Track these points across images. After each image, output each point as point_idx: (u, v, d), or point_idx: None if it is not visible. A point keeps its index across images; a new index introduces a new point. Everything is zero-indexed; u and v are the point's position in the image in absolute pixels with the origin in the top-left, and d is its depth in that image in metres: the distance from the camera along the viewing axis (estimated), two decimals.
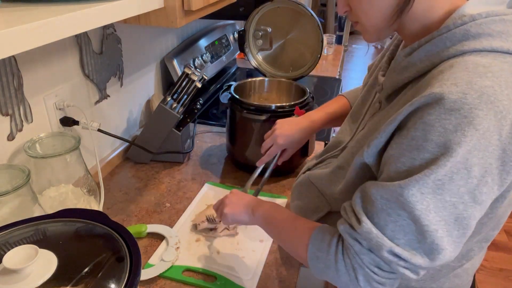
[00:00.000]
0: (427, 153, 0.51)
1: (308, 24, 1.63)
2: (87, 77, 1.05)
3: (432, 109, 0.50)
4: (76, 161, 0.86)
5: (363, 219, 0.56)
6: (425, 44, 0.57)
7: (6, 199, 0.68)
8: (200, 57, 1.57)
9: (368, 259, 0.56)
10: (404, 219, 0.53)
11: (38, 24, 0.50)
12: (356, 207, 0.58)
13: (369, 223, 0.55)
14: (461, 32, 0.53)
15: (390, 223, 0.54)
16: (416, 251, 0.53)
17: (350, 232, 0.57)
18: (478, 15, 0.53)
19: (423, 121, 0.51)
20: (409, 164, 0.52)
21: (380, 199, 0.54)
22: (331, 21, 5.10)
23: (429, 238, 0.52)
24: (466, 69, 0.50)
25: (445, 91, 0.49)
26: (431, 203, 0.51)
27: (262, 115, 1.07)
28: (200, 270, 0.83)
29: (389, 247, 0.53)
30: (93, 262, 0.52)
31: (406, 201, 0.51)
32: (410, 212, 0.52)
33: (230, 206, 0.79)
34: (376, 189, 0.55)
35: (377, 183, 0.56)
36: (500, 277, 2.10)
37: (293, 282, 0.82)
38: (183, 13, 0.85)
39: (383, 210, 0.54)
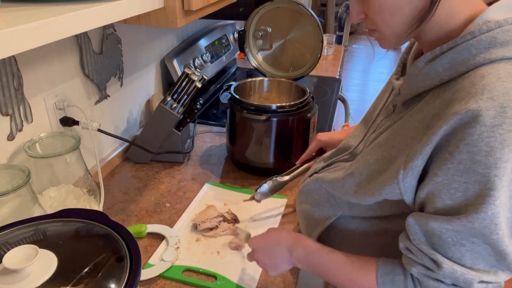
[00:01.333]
0: (478, 175, 0.49)
1: (308, 24, 1.63)
2: (87, 77, 1.05)
3: (472, 128, 0.48)
4: (76, 161, 0.86)
5: (440, 260, 0.54)
6: (449, 51, 0.55)
7: (6, 199, 0.68)
8: (200, 57, 1.57)
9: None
10: (479, 245, 0.53)
11: (38, 24, 0.50)
12: (422, 246, 0.56)
13: (449, 262, 0.54)
14: (487, 39, 0.52)
15: (467, 252, 0.53)
16: (497, 268, 0.54)
17: (429, 274, 0.56)
18: (505, 21, 0.52)
19: (466, 142, 0.49)
20: (463, 189, 0.51)
21: (446, 232, 0.53)
22: (331, 21, 5.10)
23: (508, 258, 0.52)
24: (499, 79, 0.49)
25: (482, 107, 0.48)
26: (505, 229, 0.51)
27: (262, 115, 1.06)
28: (200, 270, 0.83)
29: (479, 279, 0.53)
30: (93, 262, 0.52)
31: (479, 232, 0.51)
32: (484, 238, 0.51)
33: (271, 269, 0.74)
34: (439, 223, 0.53)
35: (437, 217, 0.54)
36: None
37: (293, 282, 0.82)
38: (183, 13, 0.85)
39: (455, 243, 0.53)
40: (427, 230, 0.55)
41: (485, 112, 0.48)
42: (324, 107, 1.63)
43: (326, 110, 1.61)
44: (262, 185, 0.97)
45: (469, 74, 0.53)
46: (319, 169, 0.84)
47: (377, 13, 0.58)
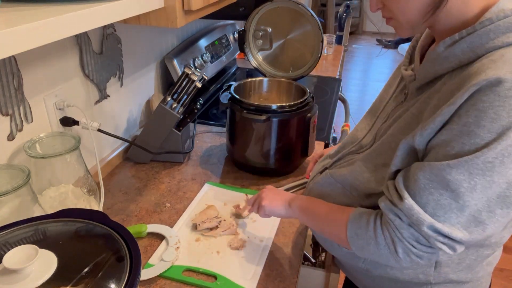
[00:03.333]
0: (478, 139, 0.53)
1: (308, 24, 1.63)
2: (87, 77, 1.05)
3: (485, 95, 0.52)
4: (76, 161, 0.86)
5: (405, 196, 0.59)
6: (468, 36, 0.58)
7: (6, 199, 0.68)
8: (200, 57, 1.57)
9: (407, 233, 0.60)
10: (446, 198, 0.56)
11: (38, 24, 0.50)
12: (399, 185, 0.61)
13: (411, 200, 0.58)
14: (505, 24, 0.56)
15: (432, 201, 0.57)
16: (454, 226, 0.57)
17: (391, 208, 0.61)
18: None
19: (476, 107, 0.53)
20: (458, 148, 0.55)
21: (423, 179, 0.57)
22: (331, 21, 5.10)
23: (467, 211, 0.55)
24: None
25: (501, 76, 0.51)
26: (479, 183, 0.54)
27: (262, 115, 1.06)
28: (200, 270, 0.83)
29: (430, 223, 0.57)
30: (93, 262, 0.52)
31: (454, 179, 0.54)
32: (453, 191, 0.55)
33: (267, 199, 0.85)
34: (421, 169, 0.58)
35: (423, 163, 0.59)
36: (500, 277, 2.10)
37: (293, 282, 0.82)
38: (183, 13, 0.85)
39: (425, 189, 0.57)
40: (408, 174, 0.61)
41: (503, 82, 0.51)
42: (324, 107, 1.63)
43: (326, 110, 1.61)
44: None
45: (488, 55, 0.56)
46: (329, 165, 0.84)
47: (393, 2, 0.63)
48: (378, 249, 0.64)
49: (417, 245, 0.60)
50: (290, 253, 0.89)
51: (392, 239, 0.61)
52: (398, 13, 0.63)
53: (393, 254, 0.62)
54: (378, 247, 0.63)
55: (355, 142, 0.81)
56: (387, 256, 0.63)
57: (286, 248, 0.90)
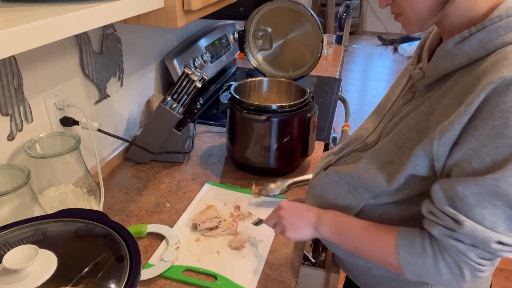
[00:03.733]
0: (510, 139, 0.52)
1: (308, 24, 1.63)
2: (87, 77, 1.05)
3: (505, 95, 0.52)
4: (76, 161, 0.86)
5: (461, 219, 0.57)
6: (477, 33, 0.59)
7: (6, 199, 0.68)
8: (200, 57, 1.57)
9: (473, 255, 0.58)
10: (500, 208, 0.55)
11: (38, 24, 0.50)
12: (445, 207, 0.59)
13: (470, 221, 0.57)
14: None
15: (488, 214, 0.56)
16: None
17: (450, 233, 0.59)
18: None
19: (500, 108, 0.52)
20: (493, 153, 0.54)
21: (470, 195, 0.56)
22: (331, 21, 5.11)
23: None
24: None
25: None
26: None
27: (262, 115, 1.06)
28: (200, 270, 0.83)
29: (498, 239, 0.56)
30: (93, 262, 0.52)
31: (504, 191, 0.53)
32: (506, 201, 0.54)
33: (291, 228, 0.78)
34: (465, 185, 0.56)
35: (464, 180, 0.57)
36: (500, 277, 2.10)
37: (293, 282, 0.82)
38: (183, 13, 0.85)
39: (477, 205, 0.56)
40: (451, 194, 0.58)
41: None
42: (324, 107, 1.63)
43: (326, 110, 1.61)
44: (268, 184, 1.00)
45: (499, 51, 0.56)
46: (333, 162, 0.84)
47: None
48: (439, 274, 0.62)
49: (483, 262, 0.59)
50: (290, 253, 0.89)
51: (458, 264, 0.60)
52: (407, 9, 0.64)
53: (458, 277, 0.61)
54: (440, 273, 0.62)
55: (359, 140, 0.81)
56: (449, 280, 0.62)
57: (286, 248, 0.90)
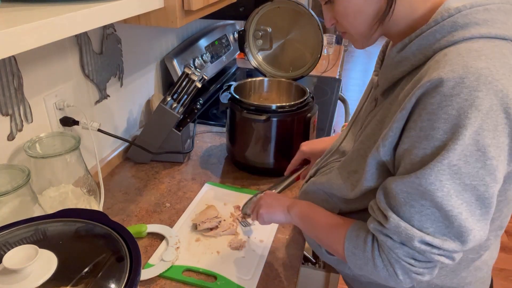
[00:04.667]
0: (437, 141, 0.53)
1: (308, 24, 1.63)
2: (87, 77, 1.05)
3: (432, 98, 0.52)
4: (76, 161, 0.86)
5: (389, 214, 0.58)
6: (416, 39, 0.59)
7: (6, 199, 0.68)
8: (200, 57, 1.57)
9: (402, 252, 0.58)
10: (428, 208, 0.55)
11: (38, 24, 0.50)
12: (381, 204, 0.60)
13: (396, 217, 0.57)
14: (449, 23, 0.56)
15: (416, 214, 0.56)
16: (446, 236, 0.55)
17: (380, 229, 0.60)
18: (463, 7, 0.56)
19: (427, 111, 0.53)
20: (421, 154, 0.54)
21: (400, 193, 0.56)
22: None
23: (455, 222, 0.54)
24: (459, 54, 0.53)
25: (442, 77, 0.51)
26: (451, 188, 0.53)
27: (262, 115, 1.06)
28: (200, 270, 0.83)
29: (420, 237, 0.55)
30: (93, 262, 0.52)
31: (426, 189, 0.53)
32: (432, 200, 0.54)
33: (265, 206, 0.84)
34: (395, 183, 0.57)
35: (395, 178, 0.58)
36: (500, 277, 2.10)
37: (293, 282, 0.82)
38: (183, 13, 0.85)
39: (406, 203, 0.56)
40: (386, 192, 0.60)
41: (446, 82, 0.51)
42: (324, 107, 1.63)
43: (326, 110, 1.61)
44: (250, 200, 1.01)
45: (435, 55, 0.57)
46: (313, 173, 0.86)
47: (343, 17, 0.65)
48: (376, 270, 0.62)
49: (414, 263, 0.58)
50: (290, 253, 0.89)
51: (389, 261, 0.60)
52: (349, 28, 0.66)
53: (393, 276, 0.60)
54: (377, 269, 0.62)
55: (333, 150, 0.83)
56: (386, 277, 0.61)
57: (286, 248, 0.90)
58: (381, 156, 0.61)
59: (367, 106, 0.75)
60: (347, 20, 0.65)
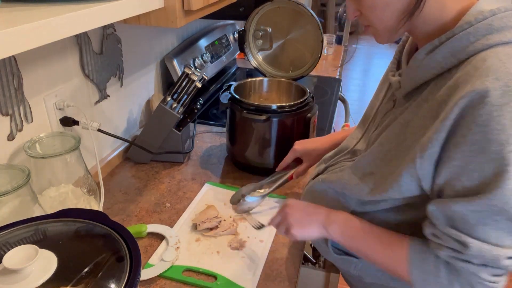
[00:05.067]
0: (493, 154, 0.51)
1: (308, 24, 1.63)
2: (87, 77, 1.05)
3: (481, 109, 0.51)
4: (76, 161, 0.86)
5: (466, 240, 0.56)
6: (447, 41, 0.57)
7: (6, 199, 0.68)
8: (200, 57, 1.57)
9: (485, 273, 0.57)
10: (502, 222, 0.54)
11: (38, 24, 0.50)
12: (448, 230, 0.58)
13: (475, 241, 0.55)
14: (484, 26, 0.54)
15: (491, 231, 0.55)
16: None
17: (457, 255, 0.58)
18: (498, 10, 0.55)
19: (477, 123, 0.51)
20: (479, 169, 0.53)
21: (470, 214, 0.55)
22: (331, 21, 5.11)
23: None
24: (500, 61, 0.51)
25: (489, 87, 0.50)
26: None
27: (262, 115, 1.06)
28: (200, 270, 0.83)
29: (505, 255, 0.54)
30: (93, 262, 0.52)
31: (501, 208, 0.52)
32: (506, 215, 0.53)
33: (297, 226, 0.75)
34: (462, 205, 0.55)
35: (458, 200, 0.56)
36: None
37: (293, 282, 0.82)
38: (183, 13, 0.85)
39: (478, 223, 0.55)
40: (450, 215, 0.57)
41: (492, 92, 0.50)
42: (324, 107, 1.63)
43: (326, 110, 1.61)
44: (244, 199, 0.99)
45: (470, 60, 0.55)
46: (322, 170, 0.84)
47: (369, 10, 0.62)
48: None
49: (495, 279, 0.58)
50: (290, 253, 0.89)
51: (471, 284, 0.58)
52: (375, 21, 0.63)
53: None
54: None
55: (347, 149, 0.81)
56: None
57: (286, 248, 0.90)
58: (417, 168, 0.59)
59: (383, 107, 0.74)
60: (375, 13, 0.62)
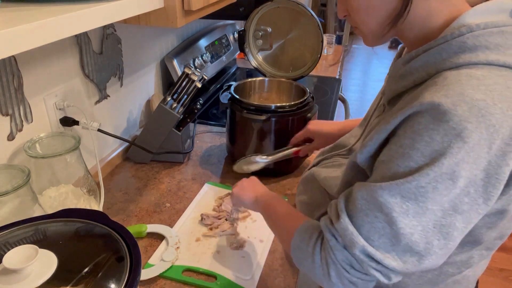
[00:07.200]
0: (412, 162, 0.51)
1: (308, 24, 1.63)
2: (87, 77, 1.05)
3: (421, 118, 0.50)
4: (76, 161, 0.86)
5: (342, 215, 0.57)
6: (422, 54, 0.56)
7: (6, 199, 0.68)
8: (200, 57, 1.57)
9: (341, 256, 0.56)
10: (380, 222, 0.53)
11: (38, 24, 0.50)
12: (339, 204, 0.59)
13: (347, 220, 0.56)
14: (457, 43, 0.53)
15: (367, 223, 0.54)
16: (389, 253, 0.53)
17: (329, 227, 0.58)
18: (477, 26, 0.52)
19: (412, 129, 0.51)
20: (394, 170, 0.53)
21: (360, 199, 0.55)
22: (331, 21, 5.11)
23: (403, 240, 0.52)
24: (459, 81, 0.50)
25: (435, 101, 0.49)
26: (411, 208, 0.51)
27: (262, 115, 1.06)
28: (200, 270, 0.83)
29: (362, 246, 0.54)
30: (93, 262, 0.52)
31: (386, 201, 0.52)
32: (387, 214, 0.52)
33: (239, 187, 0.87)
34: (359, 189, 0.56)
35: (362, 183, 0.57)
36: (500, 277, 2.10)
37: (293, 282, 0.82)
38: (183, 13, 0.85)
39: (361, 210, 0.55)
40: (350, 194, 0.59)
41: (437, 106, 0.49)
42: (324, 107, 1.63)
43: (326, 110, 1.61)
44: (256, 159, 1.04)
45: (436, 76, 0.54)
46: (316, 163, 0.86)
47: (355, 12, 0.62)
48: (314, 267, 0.60)
49: (350, 270, 0.56)
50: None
51: (327, 260, 0.58)
52: (359, 23, 0.63)
53: (326, 277, 0.58)
54: (314, 265, 0.60)
55: (345, 147, 0.82)
56: (320, 277, 0.59)
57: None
58: (357, 160, 0.61)
59: (377, 110, 0.74)
60: (359, 15, 0.61)
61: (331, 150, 0.85)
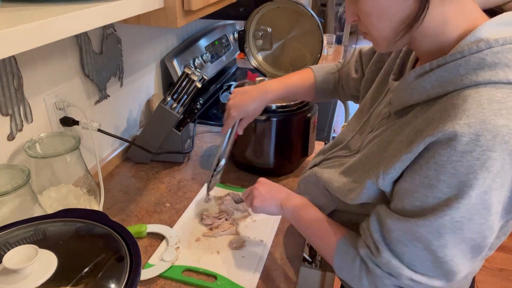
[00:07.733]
0: (440, 193, 0.52)
1: (308, 24, 1.63)
2: (87, 77, 1.05)
3: (443, 149, 0.50)
4: (76, 161, 0.86)
5: (381, 249, 0.59)
6: (437, 69, 0.55)
7: (6, 199, 0.68)
8: (200, 57, 1.57)
9: (390, 282, 0.59)
10: (420, 250, 0.55)
11: (38, 24, 0.50)
12: (374, 234, 0.61)
13: (388, 253, 0.58)
14: (476, 60, 0.51)
15: (407, 252, 0.57)
16: (434, 276, 0.56)
17: (371, 257, 0.61)
18: (495, 42, 0.50)
19: (435, 160, 0.51)
20: (422, 200, 0.54)
21: (397, 230, 0.57)
22: (331, 21, 5.10)
23: (445, 266, 0.55)
24: (480, 105, 0.49)
25: (458, 131, 0.48)
26: (449, 239, 0.53)
27: (262, 115, 1.06)
28: (200, 270, 0.83)
29: (408, 276, 0.57)
30: (93, 262, 0.52)
31: (423, 236, 0.54)
32: (426, 245, 0.54)
33: (259, 198, 0.82)
34: (393, 220, 0.57)
35: (393, 214, 0.58)
36: (500, 277, 2.10)
37: (293, 282, 0.82)
38: (183, 13, 0.85)
39: (400, 241, 0.57)
40: (382, 224, 0.60)
41: (460, 137, 0.48)
42: (324, 107, 1.62)
43: (326, 110, 1.61)
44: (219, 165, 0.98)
45: (453, 94, 0.53)
46: (318, 162, 0.85)
47: (366, 16, 0.59)
48: (361, 286, 0.64)
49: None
50: (290, 253, 0.89)
51: (376, 285, 0.61)
52: (371, 29, 0.60)
53: None
54: (362, 286, 0.64)
55: (342, 143, 0.81)
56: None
57: (286, 248, 0.90)
58: (380, 185, 0.61)
59: (381, 110, 0.72)
60: (370, 21, 0.58)
61: (331, 149, 0.85)
